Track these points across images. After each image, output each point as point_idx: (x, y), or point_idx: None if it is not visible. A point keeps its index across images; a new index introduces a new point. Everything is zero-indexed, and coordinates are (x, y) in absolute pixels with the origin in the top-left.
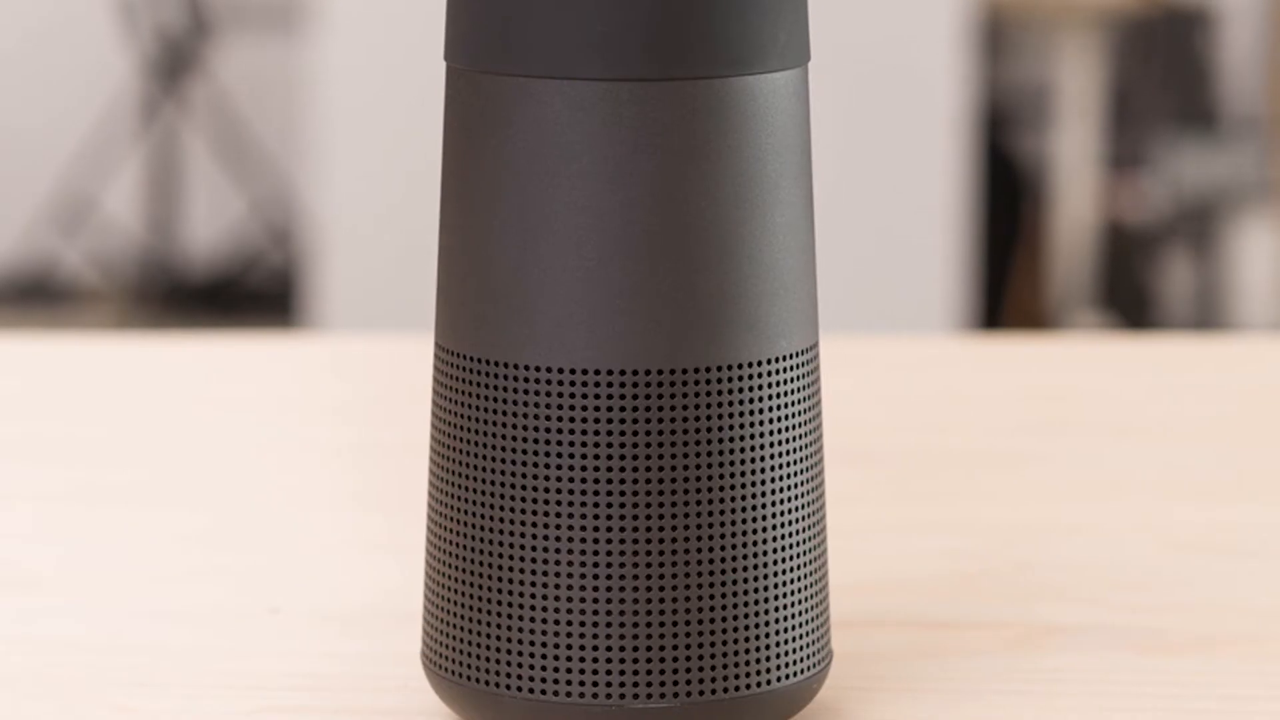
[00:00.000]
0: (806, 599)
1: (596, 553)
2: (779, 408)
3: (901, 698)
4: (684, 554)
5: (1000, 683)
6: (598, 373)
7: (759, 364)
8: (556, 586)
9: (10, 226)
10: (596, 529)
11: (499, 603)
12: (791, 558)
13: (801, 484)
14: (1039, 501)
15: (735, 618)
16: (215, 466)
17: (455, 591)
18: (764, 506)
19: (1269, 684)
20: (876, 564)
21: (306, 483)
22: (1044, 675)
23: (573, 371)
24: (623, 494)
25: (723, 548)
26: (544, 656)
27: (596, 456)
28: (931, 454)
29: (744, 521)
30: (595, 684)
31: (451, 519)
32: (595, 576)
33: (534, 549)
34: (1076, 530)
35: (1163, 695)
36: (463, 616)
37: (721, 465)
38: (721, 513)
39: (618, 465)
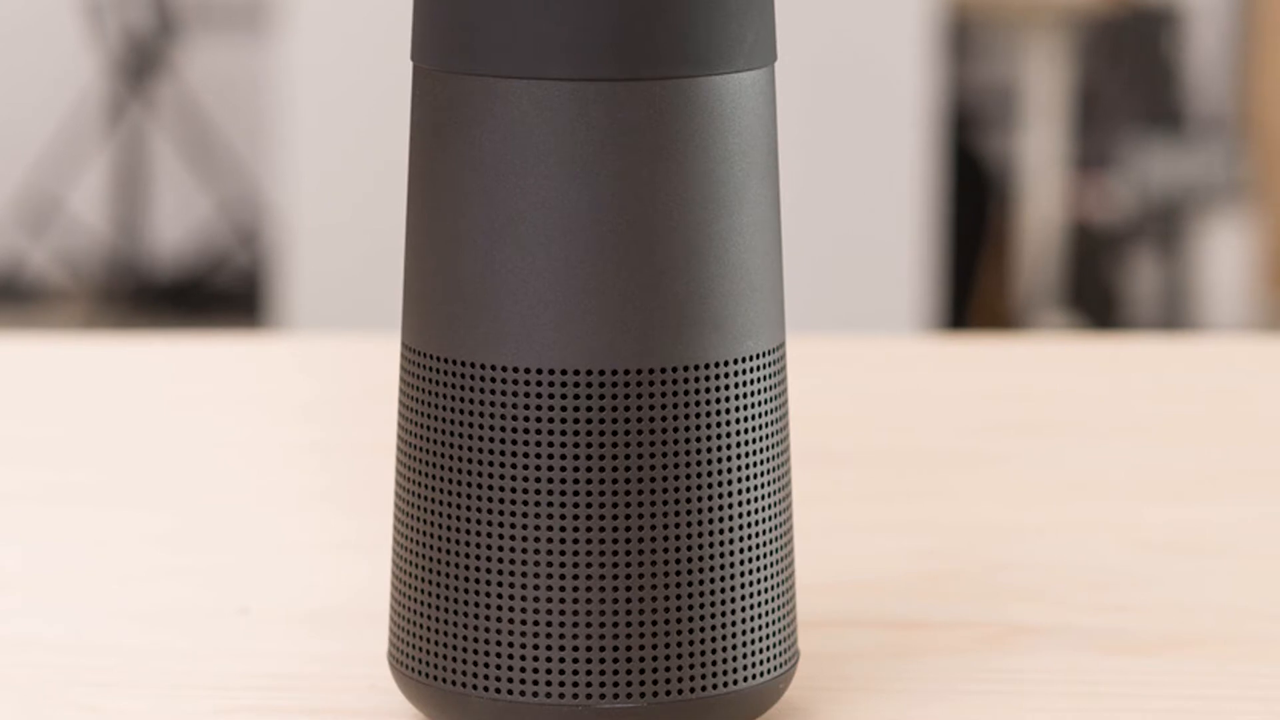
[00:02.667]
0: (773, 599)
1: (563, 553)
2: (745, 407)
3: (869, 698)
4: (650, 554)
5: (968, 682)
6: (564, 373)
7: (725, 364)
8: (524, 587)
9: None
10: (563, 529)
11: (466, 603)
12: (758, 558)
13: (768, 484)
14: (1006, 501)
15: (702, 618)
16: (182, 466)
17: (422, 591)
18: (730, 506)
19: (1237, 684)
20: (844, 564)
21: (274, 482)
22: (1011, 675)
23: (539, 371)
24: (589, 494)
25: (689, 548)
26: (510, 657)
27: (564, 456)
28: (899, 454)
29: (710, 521)
30: (562, 684)
31: (418, 519)
32: (562, 577)
33: (501, 549)
34: (1044, 530)
35: (1130, 695)
36: (429, 616)
37: (688, 465)
38: (688, 513)
39: (584, 465)
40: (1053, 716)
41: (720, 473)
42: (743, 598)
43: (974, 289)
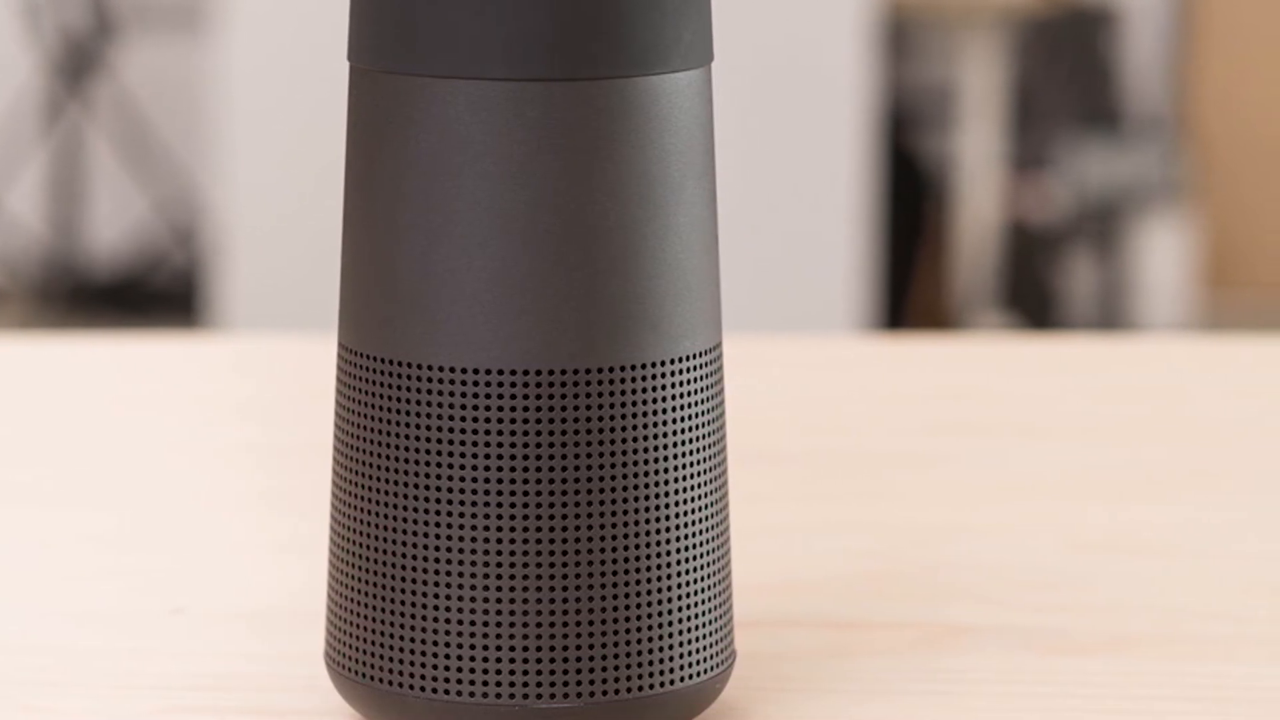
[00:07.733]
0: (710, 599)
1: (500, 553)
2: (682, 408)
3: (808, 697)
4: (587, 554)
5: (907, 683)
6: (501, 373)
7: (662, 364)
8: (460, 587)
9: None
10: (500, 529)
11: (403, 603)
12: (694, 558)
13: (704, 484)
14: (946, 502)
15: (638, 618)
16: (120, 466)
17: (359, 592)
18: (667, 506)
19: (1177, 684)
20: (783, 564)
21: (212, 482)
22: (951, 675)
23: (476, 371)
24: (526, 494)
25: (625, 548)
26: (447, 656)
27: (500, 456)
28: (837, 454)
29: (647, 521)
30: (499, 684)
31: (355, 519)
32: (499, 577)
33: (437, 549)
34: (983, 531)
35: (1071, 695)
36: (366, 617)
37: (624, 465)
38: (624, 513)
39: (521, 465)
40: (992, 716)
41: (657, 473)
42: (679, 597)
43: (911, 289)
